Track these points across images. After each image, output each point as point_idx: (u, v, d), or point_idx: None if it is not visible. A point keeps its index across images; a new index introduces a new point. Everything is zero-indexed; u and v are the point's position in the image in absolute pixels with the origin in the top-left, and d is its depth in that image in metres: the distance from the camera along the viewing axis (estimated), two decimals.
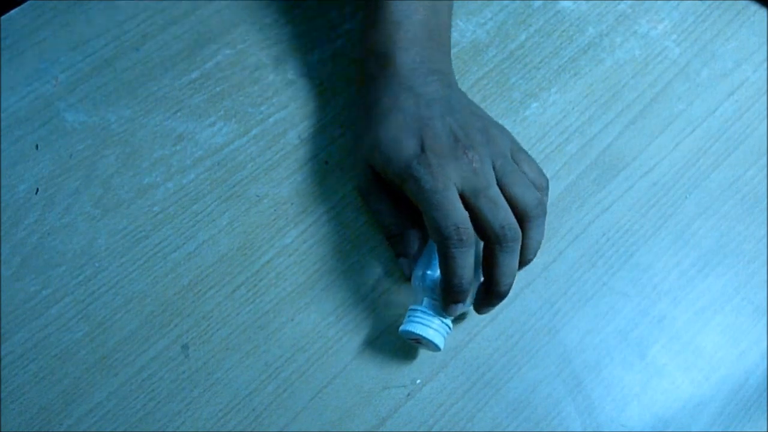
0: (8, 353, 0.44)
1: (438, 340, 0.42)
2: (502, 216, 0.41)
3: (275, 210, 0.48)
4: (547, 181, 0.46)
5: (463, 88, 0.51)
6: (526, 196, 0.42)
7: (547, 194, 0.46)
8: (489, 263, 0.41)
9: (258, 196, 0.49)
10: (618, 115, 0.52)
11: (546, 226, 0.44)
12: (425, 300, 0.43)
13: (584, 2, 0.56)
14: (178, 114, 0.51)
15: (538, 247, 0.45)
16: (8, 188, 0.48)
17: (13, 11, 0.53)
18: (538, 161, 0.50)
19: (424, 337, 0.42)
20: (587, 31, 0.55)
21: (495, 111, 0.52)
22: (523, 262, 0.44)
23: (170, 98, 0.51)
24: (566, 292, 0.47)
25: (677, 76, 0.54)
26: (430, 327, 0.41)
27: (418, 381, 0.44)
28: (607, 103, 0.53)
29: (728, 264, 0.48)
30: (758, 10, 0.57)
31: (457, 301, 0.41)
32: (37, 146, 0.49)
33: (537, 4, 0.56)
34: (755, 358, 0.46)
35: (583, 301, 0.47)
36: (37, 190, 0.48)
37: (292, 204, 0.49)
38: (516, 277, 0.42)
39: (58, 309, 0.45)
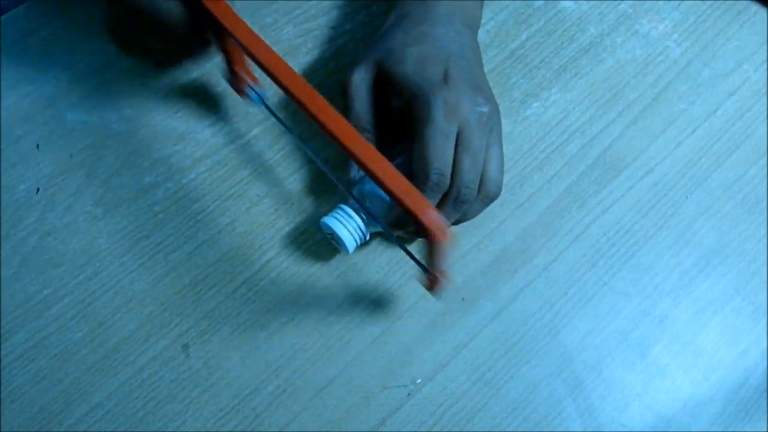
0: (8, 353, 0.44)
1: (349, 242, 0.43)
2: (472, 179, 0.42)
3: (275, 210, 0.48)
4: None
5: None
6: (498, 178, 0.44)
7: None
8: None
9: (258, 195, 0.49)
10: (619, 115, 0.52)
11: (544, 228, 0.44)
12: (351, 202, 0.44)
13: (585, 2, 0.56)
14: (179, 113, 0.51)
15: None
16: (8, 188, 0.48)
17: (12, 11, 0.53)
18: (539, 161, 0.50)
19: (338, 235, 0.43)
20: (588, 31, 0.55)
21: None
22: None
23: (171, 98, 0.51)
24: (567, 292, 0.47)
25: (678, 75, 0.54)
26: (346, 228, 0.43)
27: (418, 381, 0.44)
28: (608, 103, 0.53)
29: (729, 264, 0.48)
30: (759, 11, 0.57)
31: (402, 227, 0.44)
32: (37, 146, 0.49)
33: (538, 3, 0.56)
34: (755, 358, 0.46)
35: (584, 301, 0.47)
36: (38, 189, 0.48)
37: (292, 204, 0.49)
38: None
39: (58, 309, 0.45)
